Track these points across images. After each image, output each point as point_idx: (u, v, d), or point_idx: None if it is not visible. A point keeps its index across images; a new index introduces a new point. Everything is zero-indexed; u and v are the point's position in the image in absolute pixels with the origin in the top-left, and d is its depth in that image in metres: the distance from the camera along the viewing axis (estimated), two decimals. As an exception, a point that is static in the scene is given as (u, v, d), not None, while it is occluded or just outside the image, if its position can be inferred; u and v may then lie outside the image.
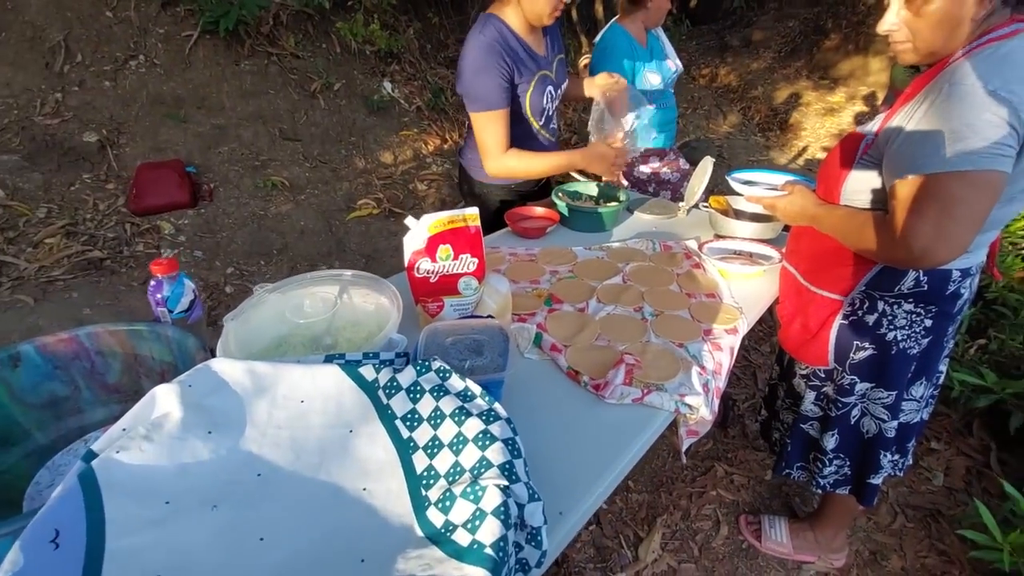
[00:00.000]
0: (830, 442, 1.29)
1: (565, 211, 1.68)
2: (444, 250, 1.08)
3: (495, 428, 0.64)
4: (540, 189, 1.87)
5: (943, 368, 1.25)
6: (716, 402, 1.03)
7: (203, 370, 0.74)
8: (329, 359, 0.79)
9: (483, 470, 0.60)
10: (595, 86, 1.73)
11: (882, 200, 1.03)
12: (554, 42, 1.68)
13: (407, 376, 0.72)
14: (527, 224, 1.68)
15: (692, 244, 1.59)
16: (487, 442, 0.63)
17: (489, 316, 1.03)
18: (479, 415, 0.66)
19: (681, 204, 1.83)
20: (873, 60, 6.49)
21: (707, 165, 1.79)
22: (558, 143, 1.84)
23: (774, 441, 1.53)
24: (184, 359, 0.89)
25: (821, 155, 5.37)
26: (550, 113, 1.69)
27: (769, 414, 1.55)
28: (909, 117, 0.95)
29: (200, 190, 2.96)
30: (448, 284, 1.10)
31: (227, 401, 0.72)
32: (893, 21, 1.00)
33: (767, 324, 2.58)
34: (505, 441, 0.63)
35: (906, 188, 0.92)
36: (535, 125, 1.66)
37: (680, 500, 1.76)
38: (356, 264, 2.99)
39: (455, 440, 0.65)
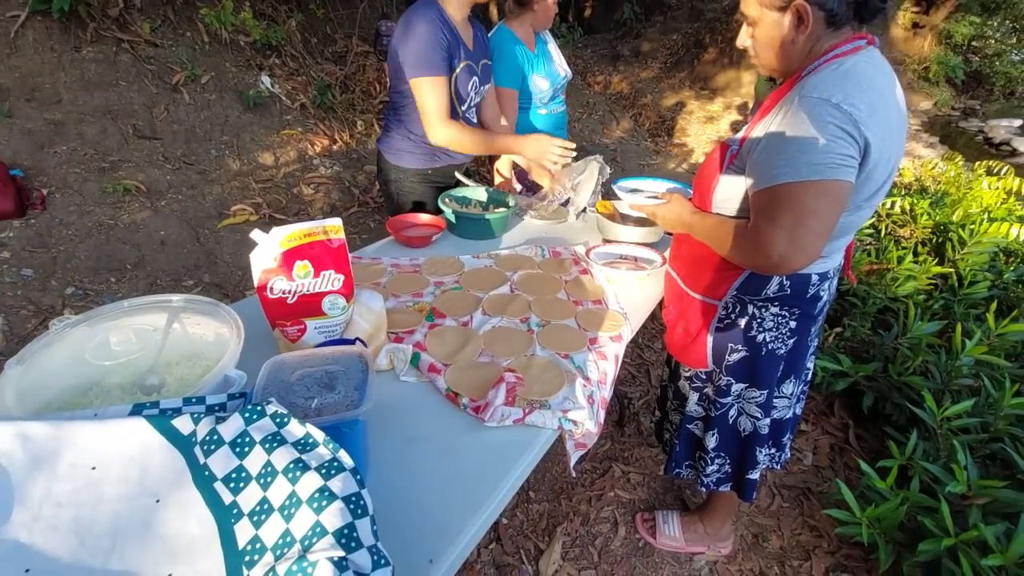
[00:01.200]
0: (711, 441, 1.33)
1: (452, 218, 1.61)
2: (302, 267, 0.95)
3: (336, 483, 0.54)
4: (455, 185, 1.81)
5: (810, 365, 1.33)
6: (601, 413, 1.01)
7: (-52, 440, 0.57)
8: (137, 410, 0.64)
9: (315, 539, 0.50)
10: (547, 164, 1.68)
11: (744, 210, 1.07)
12: (482, 45, 1.73)
13: (233, 426, 0.60)
14: (411, 232, 1.58)
15: (580, 249, 1.58)
16: (324, 502, 0.53)
17: (358, 339, 0.92)
18: (319, 468, 0.56)
19: (570, 208, 1.82)
20: (744, 73, 7.12)
21: (593, 167, 1.80)
22: None
23: (665, 441, 1.57)
24: (-57, 419, 0.69)
25: (703, 159, 5.80)
26: (472, 103, 1.71)
27: (662, 414, 1.58)
28: (765, 129, 0.98)
29: (30, 197, 2.50)
30: (310, 304, 0.98)
31: (-19, 479, 0.56)
32: (743, 39, 1.07)
33: (659, 322, 2.68)
34: (347, 499, 0.54)
35: (762, 198, 0.96)
36: (458, 109, 1.66)
37: (580, 505, 1.75)
38: (232, 277, 2.70)
39: (287, 502, 0.54)
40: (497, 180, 2.13)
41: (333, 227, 0.99)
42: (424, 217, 1.65)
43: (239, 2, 3.59)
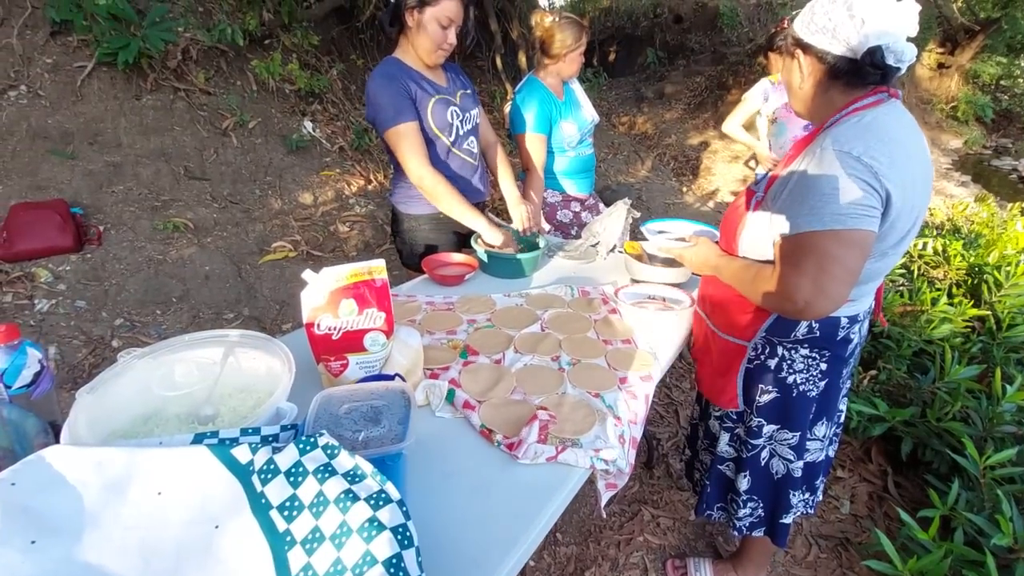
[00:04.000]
0: (743, 483, 1.31)
1: (484, 258, 1.66)
2: (347, 305, 1.01)
3: (384, 514, 0.58)
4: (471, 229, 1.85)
5: (843, 407, 1.32)
6: (632, 453, 1.02)
7: (34, 462, 0.62)
8: (198, 439, 0.69)
9: (366, 568, 0.53)
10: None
11: (770, 254, 1.09)
12: (456, 79, 1.79)
13: (288, 456, 0.64)
14: (445, 272, 1.64)
15: (609, 289, 1.61)
16: (374, 532, 0.56)
17: (397, 375, 0.97)
18: (368, 499, 0.59)
19: (599, 248, 1.87)
20: (767, 114, 7.17)
21: (621, 208, 1.85)
22: (483, 168, 1.90)
23: (695, 481, 1.55)
24: (24, 444, 0.76)
25: (729, 198, 5.81)
26: (461, 132, 1.74)
27: (692, 453, 1.57)
28: (790, 176, 1.02)
29: (87, 233, 2.68)
30: (353, 340, 1.03)
31: (63, 500, 0.61)
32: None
33: (687, 361, 2.66)
34: (395, 529, 0.57)
35: (787, 245, 0.99)
36: (446, 141, 1.70)
37: (608, 549, 1.72)
38: (270, 312, 2.81)
39: (338, 531, 0.57)
40: (527, 221, 2.19)
41: (377, 268, 1.05)
42: (457, 257, 1.71)
43: (287, 54, 3.85)
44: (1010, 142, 9.35)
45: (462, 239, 1.88)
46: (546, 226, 2.23)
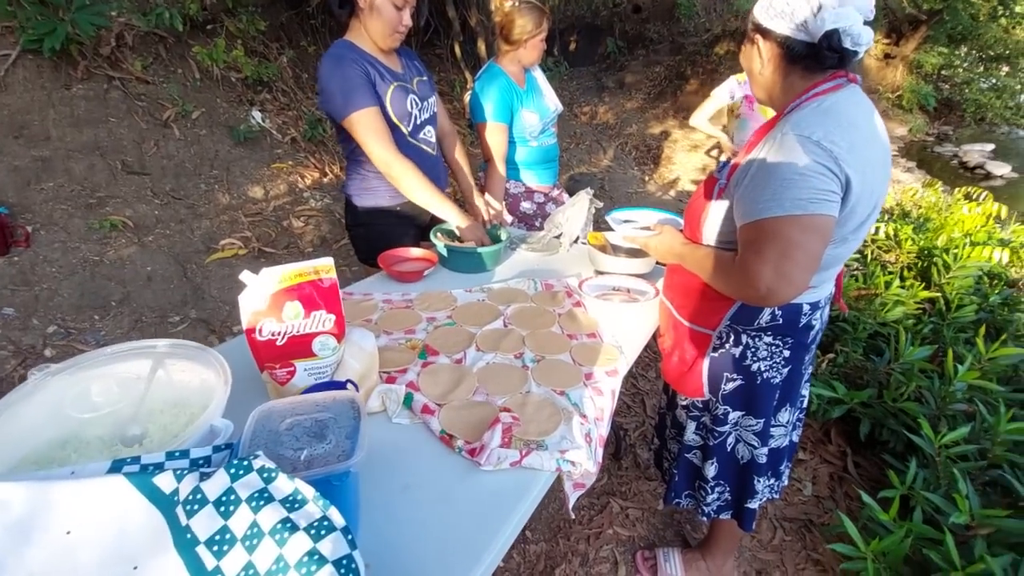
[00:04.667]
0: (710, 470, 1.31)
1: (444, 252, 1.60)
2: (292, 308, 0.93)
3: (326, 545, 0.52)
4: (430, 221, 1.78)
5: (805, 392, 1.32)
6: (599, 451, 0.98)
7: (-88, 506, 0.54)
8: (116, 466, 0.61)
9: (305, 609, 0.47)
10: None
11: (734, 242, 1.08)
12: (411, 66, 1.70)
13: (218, 483, 0.57)
14: (403, 268, 1.57)
15: (573, 282, 1.57)
16: (313, 567, 0.50)
17: (349, 382, 0.90)
18: (308, 528, 0.53)
19: (562, 240, 1.83)
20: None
21: (583, 199, 1.81)
22: (439, 157, 1.82)
23: (664, 470, 1.54)
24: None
25: (691, 187, 5.89)
26: (419, 121, 1.66)
27: (660, 443, 1.56)
28: (751, 162, 1.00)
29: (14, 234, 2.47)
30: (300, 345, 0.96)
31: (-52, 549, 0.52)
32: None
33: (653, 350, 2.67)
34: (338, 562, 0.51)
35: (749, 232, 0.97)
36: (404, 130, 1.62)
37: (578, 544, 1.70)
38: (219, 313, 2.66)
39: (274, 568, 0.51)
40: (487, 213, 2.13)
41: (324, 267, 0.97)
42: (416, 251, 1.64)
43: (231, 40, 3.65)
44: (951, 129, 9.82)
45: (422, 232, 1.81)
46: (508, 218, 2.18)
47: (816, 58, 0.98)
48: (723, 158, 3.26)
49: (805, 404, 1.35)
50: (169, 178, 3.13)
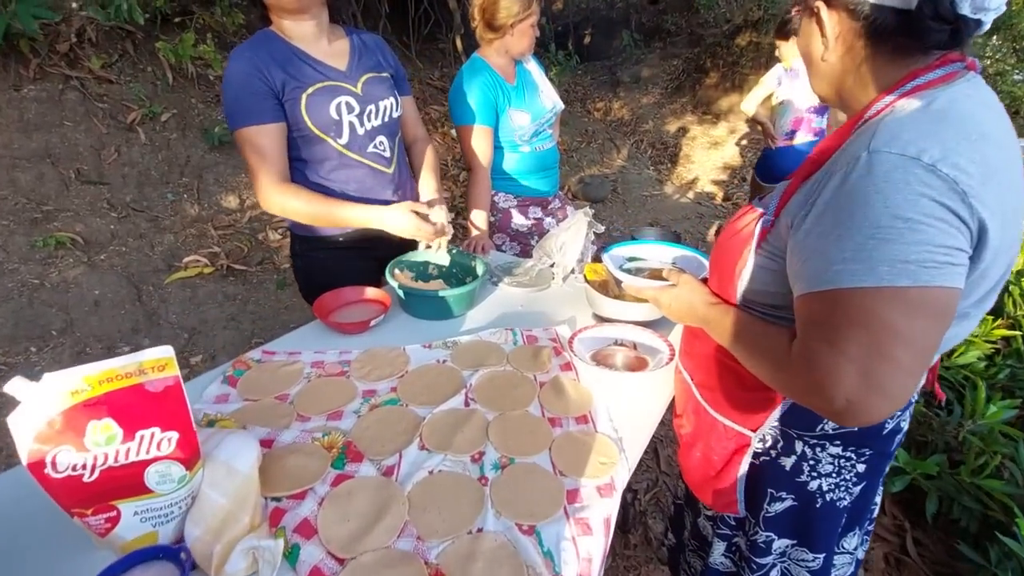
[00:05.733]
0: (748, 611, 0.95)
1: (401, 294, 1.26)
2: (101, 429, 0.60)
3: None
4: (399, 245, 1.42)
5: (878, 500, 0.96)
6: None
7: None
8: None
9: None
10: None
11: (790, 307, 0.72)
12: (367, 59, 1.34)
13: None
14: (344, 316, 1.23)
15: (564, 331, 1.23)
16: None
17: (182, 550, 0.57)
18: None
19: (555, 271, 1.48)
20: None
21: (580, 221, 1.46)
22: (404, 178, 1.46)
23: (680, 579, 1.19)
24: None
25: (711, 188, 5.48)
26: (362, 130, 1.30)
27: (676, 542, 1.21)
28: (815, 191, 0.64)
29: (-60, 254, 2.19)
30: (125, 479, 0.63)
31: None
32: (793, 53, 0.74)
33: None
34: None
35: (816, 307, 0.62)
36: (333, 144, 1.27)
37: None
38: (176, 341, 2.36)
39: None
40: (473, 233, 1.79)
41: (156, 361, 0.64)
42: (370, 292, 1.31)
43: (202, 34, 3.34)
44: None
45: (381, 265, 1.47)
46: (493, 245, 1.81)
47: (915, 33, 0.62)
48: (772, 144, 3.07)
49: (875, 514, 0.99)
50: (131, 188, 2.84)
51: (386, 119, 1.35)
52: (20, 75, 2.72)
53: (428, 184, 1.47)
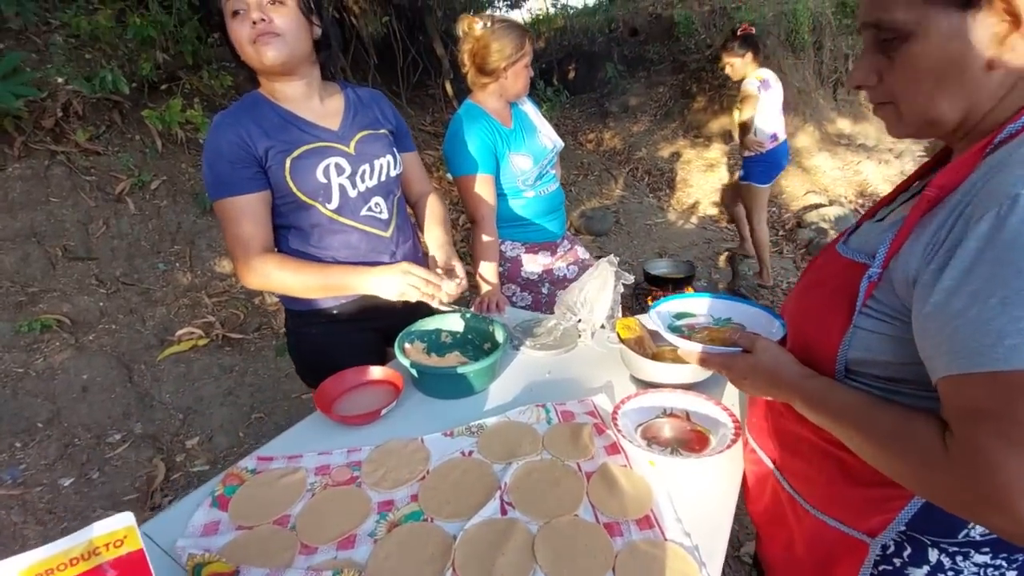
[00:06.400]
0: None
1: (414, 372, 1.11)
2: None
3: None
4: (403, 313, 1.27)
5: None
6: None
7: None
8: None
9: None
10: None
11: (912, 380, 0.57)
12: (363, 115, 1.24)
13: None
14: (349, 407, 1.08)
15: (603, 401, 1.07)
16: None
17: None
18: None
19: (582, 328, 1.33)
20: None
21: (606, 271, 1.32)
22: (406, 239, 1.32)
23: None
24: None
25: (713, 211, 5.38)
26: (353, 193, 1.18)
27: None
28: (943, 242, 0.50)
29: (-84, 350, 2.05)
30: None
31: None
32: (863, 73, 0.61)
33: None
34: None
35: (980, 392, 0.47)
36: (322, 209, 1.15)
37: None
38: (170, 424, 2.19)
39: None
40: (484, 289, 1.65)
41: (111, 536, 0.48)
42: (377, 372, 1.15)
43: (189, 98, 3.29)
44: None
45: (387, 337, 1.32)
46: (507, 301, 1.67)
47: None
48: (746, 154, 3.31)
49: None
50: (120, 261, 2.72)
51: (382, 178, 1.23)
52: (4, 154, 2.65)
53: (434, 234, 1.33)
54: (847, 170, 5.77)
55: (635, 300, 3.30)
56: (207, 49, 3.43)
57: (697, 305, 0.96)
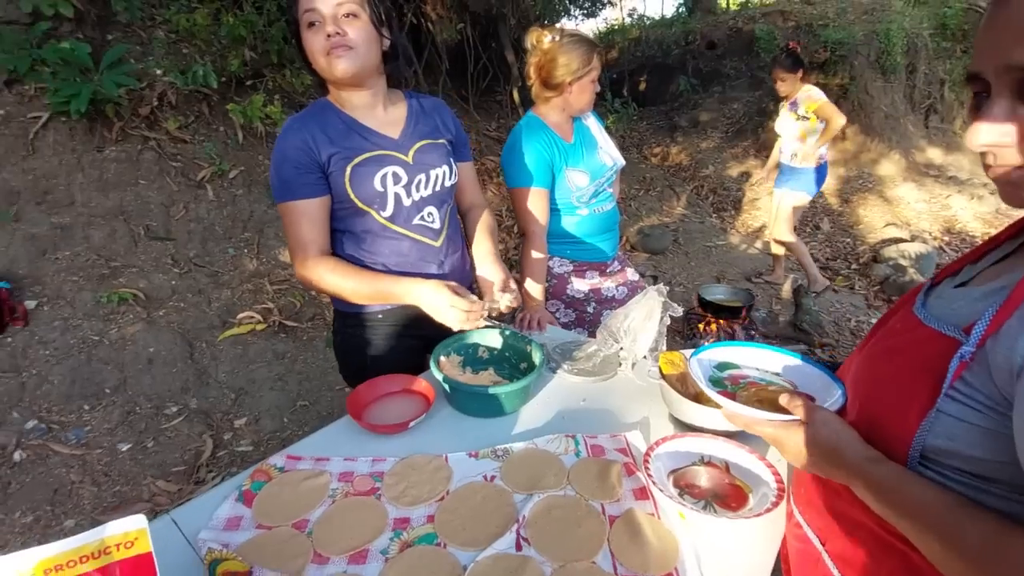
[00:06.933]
0: None
1: (445, 387, 1.10)
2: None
3: None
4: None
5: None
6: None
7: None
8: None
9: None
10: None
11: (1003, 480, 0.50)
12: (423, 124, 1.25)
13: None
14: (381, 411, 1.08)
15: (636, 439, 1.02)
16: None
17: None
18: None
19: (623, 357, 1.28)
20: (817, 141, 6.50)
21: (654, 300, 1.27)
22: (454, 249, 1.32)
23: None
24: None
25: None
26: (408, 202, 1.19)
27: None
28: None
29: (13, 312, 2.27)
30: None
31: None
32: (997, 132, 0.49)
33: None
34: None
35: None
36: (377, 217, 1.18)
37: None
38: (222, 403, 2.31)
39: None
40: (528, 305, 1.62)
41: (123, 537, 0.50)
42: (409, 382, 1.16)
43: (271, 94, 3.48)
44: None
45: (427, 345, 1.32)
46: (553, 319, 1.64)
47: None
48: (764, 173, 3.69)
49: None
50: (195, 243, 2.91)
51: (437, 188, 1.23)
52: (104, 137, 2.89)
53: (482, 248, 1.32)
54: (934, 204, 5.32)
55: (687, 325, 3.17)
56: (291, 49, 3.61)
57: (744, 355, 0.89)
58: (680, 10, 10.73)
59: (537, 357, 1.18)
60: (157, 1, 3.32)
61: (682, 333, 3.18)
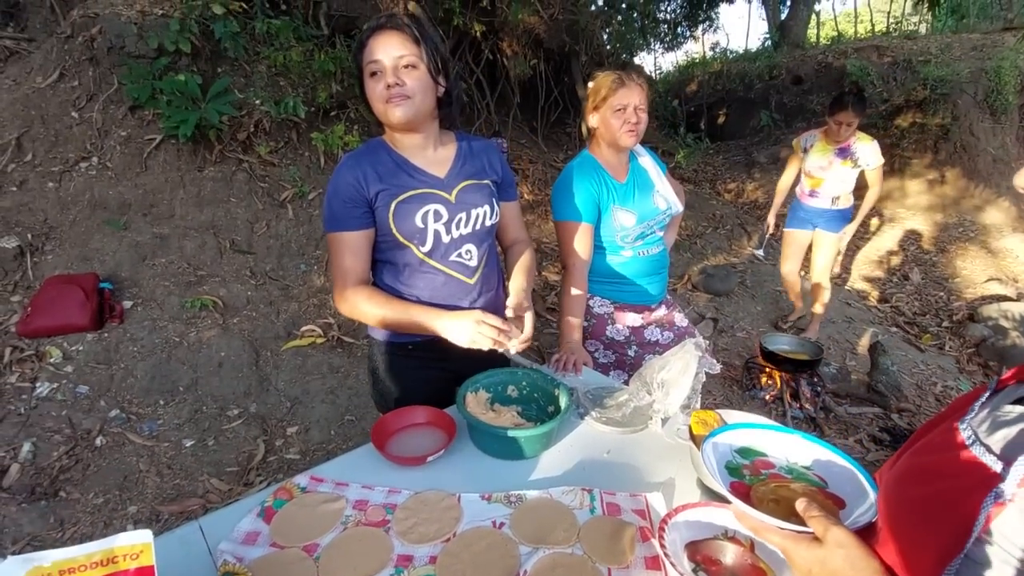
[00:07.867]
0: None
1: (468, 421, 1.12)
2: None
3: None
4: (477, 359, 1.26)
5: None
6: None
7: None
8: None
9: None
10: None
11: None
12: (469, 164, 1.30)
13: None
14: (403, 443, 1.11)
15: (657, 501, 0.98)
16: None
17: None
18: None
19: (654, 411, 1.24)
20: (911, 183, 6.04)
21: (690, 354, 1.22)
22: (488, 287, 1.36)
23: None
24: None
25: (861, 285, 4.75)
26: (447, 239, 1.24)
27: None
28: None
29: (112, 310, 2.55)
30: None
31: None
32: None
33: None
34: None
35: None
36: (416, 252, 1.23)
37: None
38: (278, 409, 2.45)
39: None
40: (565, 344, 1.61)
41: (131, 548, 0.54)
42: (436, 415, 1.18)
43: (350, 124, 3.74)
44: None
45: (458, 378, 1.34)
46: (590, 360, 1.61)
47: None
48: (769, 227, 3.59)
49: None
50: (272, 258, 3.15)
51: (477, 227, 1.27)
52: (205, 158, 3.22)
53: (517, 283, 1.34)
54: (1050, 260, 4.75)
55: (747, 375, 3.00)
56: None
57: (771, 441, 0.82)
58: (766, 43, 10.46)
59: (564, 401, 1.17)
60: (260, 40, 3.69)
61: (740, 383, 3.01)
